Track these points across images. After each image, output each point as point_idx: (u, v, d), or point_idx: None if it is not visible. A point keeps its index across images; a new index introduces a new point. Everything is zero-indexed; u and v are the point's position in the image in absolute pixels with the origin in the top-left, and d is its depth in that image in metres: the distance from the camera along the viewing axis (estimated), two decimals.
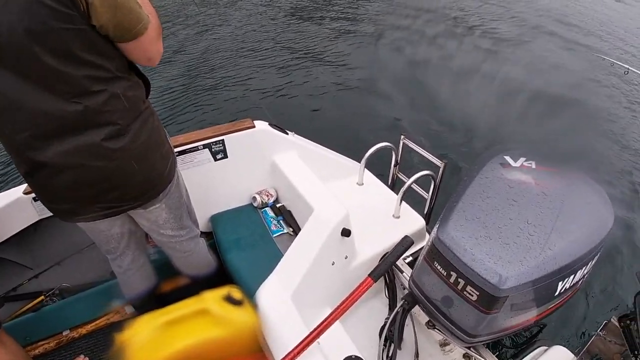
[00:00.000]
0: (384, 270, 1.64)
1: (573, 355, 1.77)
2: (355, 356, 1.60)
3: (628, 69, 5.13)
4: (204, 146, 2.23)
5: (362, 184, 2.56)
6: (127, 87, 1.38)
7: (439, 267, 1.48)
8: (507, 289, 1.33)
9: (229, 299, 1.54)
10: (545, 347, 1.83)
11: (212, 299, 1.55)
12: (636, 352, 1.72)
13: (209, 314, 1.51)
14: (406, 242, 1.68)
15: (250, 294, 1.67)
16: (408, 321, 1.97)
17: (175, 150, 2.10)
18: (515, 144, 1.85)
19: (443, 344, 2.00)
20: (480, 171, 1.65)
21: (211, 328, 1.50)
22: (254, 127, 2.31)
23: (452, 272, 1.43)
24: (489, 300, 1.36)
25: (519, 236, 1.41)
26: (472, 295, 1.40)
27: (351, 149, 2.75)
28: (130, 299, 2.11)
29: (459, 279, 1.41)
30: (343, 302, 1.53)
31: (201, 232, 2.36)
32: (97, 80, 1.27)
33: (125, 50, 1.35)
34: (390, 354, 1.78)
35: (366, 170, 2.56)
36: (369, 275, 1.58)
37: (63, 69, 1.19)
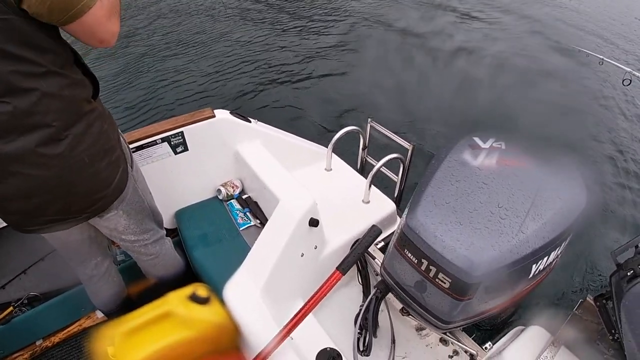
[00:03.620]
0: (352, 262, 1.60)
1: (550, 335, 1.78)
2: (330, 348, 1.59)
3: (602, 59, 5.20)
4: (163, 139, 2.13)
5: (331, 169, 2.51)
6: (64, 84, 1.24)
7: (409, 255, 1.45)
8: (479, 275, 1.31)
9: (194, 298, 1.49)
10: (522, 327, 1.84)
11: (176, 299, 1.49)
12: (613, 331, 1.73)
13: (174, 316, 1.46)
14: (374, 232, 1.65)
15: (218, 290, 1.62)
16: (383, 307, 1.96)
17: (133, 145, 2.02)
18: (484, 127, 1.83)
19: (419, 329, 1.99)
20: (448, 154, 1.62)
21: (177, 330, 1.44)
22: (214, 116, 2.23)
23: (423, 260, 1.40)
24: (461, 287, 1.34)
25: (490, 220, 1.39)
26: (444, 283, 1.37)
27: (318, 134, 2.71)
28: (99, 306, 2.04)
29: (430, 266, 1.38)
30: (312, 297, 1.49)
31: (166, 229, 2.29)
32: (27, 76, 1.14)
33: (71, 32, 1.21)
34: (366, 342, 1.76)
35: (334, 156, 2.51)
36: (337, 268, 1.54)
37: None
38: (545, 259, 1.47)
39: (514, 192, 1.46)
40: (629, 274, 1.53)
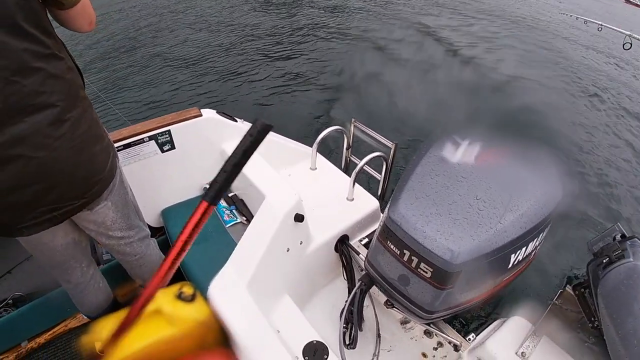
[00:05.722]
0: (222, 186, 1.15)
1: (531, 325, 1.81)
2: (317, 341, 1.60)
3: (601, 24, 5.20)
4: (150, 138, 2.15)
5: (315, 168, 2.55)
6: (65, 68, 1.31)
7: (392, 246, 1.49)
8: (459, 264, 1.34)
9: (180, 296, 1.50)
10: (504, 319, 1.88)
11: (163, 297, 1.50)
12: (593, 319, 1.77)
13: (161, 314, 1.47)
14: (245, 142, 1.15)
15: (204, 289, 1.62)
16: (368, 302, 1.99)
17: (121, 143, 2.04)
18: (463, 126, 1.88)
19: (404, 322, 2.02)
20: (429, 150, 1.66)
21: (164, 328, 1.45)
22: (200, 115, 2.25)
23: (405, 251, 1.44)
24: (442, 275, 1.38)
25: (469, 212, 1.43)
26: (426, 272, 1.41)
27: (303, 134, 2.74)
28: (85, 314, 2.03)
29: (412, 257, 1.42)
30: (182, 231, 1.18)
31: (153, 227, 2.30)
32: (36, 55, 1.19)
33: (72, 16, 1.31)
34: (352, 336, 1.78)
35: (319, 155, 2.54)
36: (203, 197, 1.14)
37: (4, 39, 1.11)
38: (524, 249, 1.52)
39: (491, 185, 1.50)
40: (604, 261, 1.57)
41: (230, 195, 2.43)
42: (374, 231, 1.99)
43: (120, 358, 1.36)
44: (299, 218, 1.83)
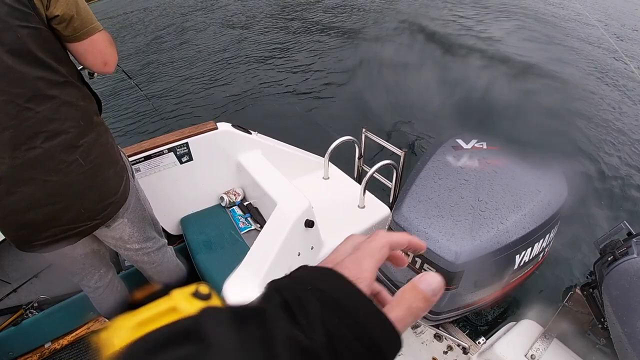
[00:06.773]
0: None
1: (542, 328, 1.82)
2: None
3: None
4: (169, 150, 2.25)
5: (328, 177, 2.61)
6: (79, 96, 1.36)
7: None
8: (461, 264, 1.39)
9: (196, 295, 1.56)
10: (514, 322, 1.89)
11: (179, 296, 1.56)
12: (602, 319, 1.76)
13: (178, 311, 1.53)
14: None
15: (219, 290, 1.68)
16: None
17: (141, 155, 2.13)
18: (469, 130, 1.91)
19: (414, 326, 2.04)
20: (433, 154, 1.71)
21: None
22: (216, 128, 2.34)
23: (408, 252, 1.48)
24: (445, 275, 1.41)
25: (471, 213, 1.47)
26: None
27: (316, 144, 2.78)
28: (105, 315, 2.10)
29: (416, 258, 1.47)
30: None
31: (172, 235, 2.39)
32: (50, 83, 1.25)
33: (81, 52, 1.34)
34: None
35: (331, 165, 2.61)
36: None
37: (19, 67, 1.17)
38: (530, 249, 1.55)
39: (493, 187, 1.54)
40: (609, 259, 1.58)
41: (245, 204, 2.50)
42: None
43: None
44: (309, 224, 1.88)
